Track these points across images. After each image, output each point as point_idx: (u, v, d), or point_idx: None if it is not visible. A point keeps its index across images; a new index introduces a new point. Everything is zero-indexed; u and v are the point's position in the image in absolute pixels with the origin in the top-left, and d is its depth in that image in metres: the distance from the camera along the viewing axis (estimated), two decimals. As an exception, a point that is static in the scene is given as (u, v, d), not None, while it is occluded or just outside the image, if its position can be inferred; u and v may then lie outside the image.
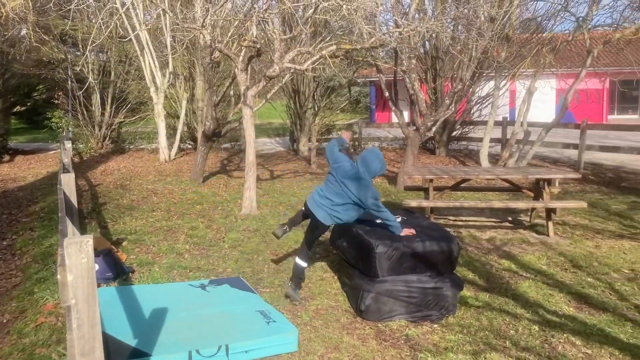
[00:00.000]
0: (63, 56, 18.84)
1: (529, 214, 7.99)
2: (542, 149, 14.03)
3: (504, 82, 13.78)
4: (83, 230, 7.22)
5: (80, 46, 18.37)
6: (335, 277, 5.49)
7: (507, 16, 10.68)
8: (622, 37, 11.23)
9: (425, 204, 7.25)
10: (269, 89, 11.40)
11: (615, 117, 30.97)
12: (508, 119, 15.21)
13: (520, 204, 7.24)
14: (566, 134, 16.78)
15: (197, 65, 15.79)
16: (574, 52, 16.14)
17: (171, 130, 17.64)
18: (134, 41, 15.17)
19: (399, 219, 5.20)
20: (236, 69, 8.46)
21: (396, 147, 17.89)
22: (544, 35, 12.69)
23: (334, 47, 8.31)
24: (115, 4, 12.29)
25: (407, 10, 9.71)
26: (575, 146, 13.35)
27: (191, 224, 7.76)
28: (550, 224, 7.05)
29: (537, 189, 7.61)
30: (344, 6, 7.64)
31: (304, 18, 8.56)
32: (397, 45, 8.47)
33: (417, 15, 9.54)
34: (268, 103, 18.62)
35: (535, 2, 12.58)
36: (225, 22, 8.90)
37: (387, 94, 10.70)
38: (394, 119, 27.84)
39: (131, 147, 20.02)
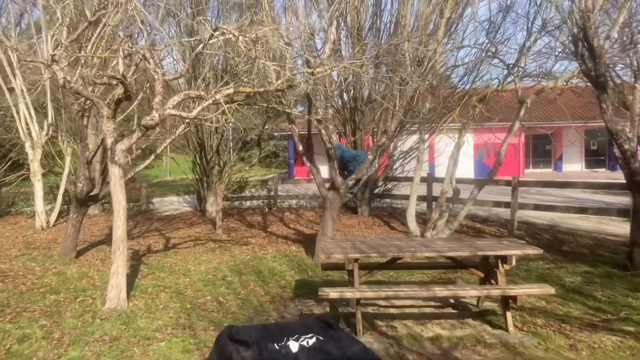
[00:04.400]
0: None
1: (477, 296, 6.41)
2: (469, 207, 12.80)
3: (427, 135, 12.61)
4: None
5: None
6: None
7: (432, 62, 9.48)
8: (554, 87, 10.34)
9: (349, 294, 5.46)
10: (158, 142, 9.44)
11: (531, 171, 31.28)
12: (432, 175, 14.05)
13: (472, 292, 5.61)
14: (487, 190, 15.77)
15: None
16: (501, 104, 15.54)
17: (57, 191, 15.10)
18: (3, 87, 12.82)
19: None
20: (104, 117, 6.50)
21: (315, 205, 16.21)
22: (472, 84, 11.66)
23: (232, 90, 6.58)
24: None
25: (321, 50, 8.22)
26: (507, 204, 12.25)
27: (25, 329, 5.51)
28: (508, 315, 5.47)
29: (486, 266, 6.06)
30: (240, 38, 5.97)
31: (194, 54, 6.80)
32: (309, 88, 6.88)
33: (332, 56, 8.05)
34: (165, 157, 16.45)
35: (458, 50, 11.59)
36: (89, 58, 6.96)
37: (300, 147, 9.04)
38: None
39: (11, 210, 17.13)
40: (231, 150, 16.44)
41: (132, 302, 6.57)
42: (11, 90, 12.98)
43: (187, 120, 8.89)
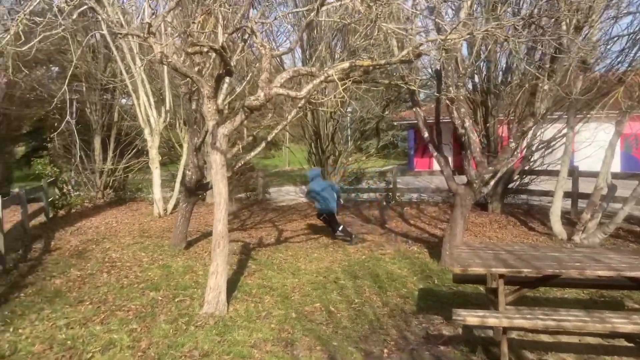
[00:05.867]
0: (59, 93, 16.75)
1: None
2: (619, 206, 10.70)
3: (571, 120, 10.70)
4: None
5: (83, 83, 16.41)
6: None
7: (591, 31, 7.78)
8: None
9: (493, 321, 4.20)
10: (270, 127, 8.72)
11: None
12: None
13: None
14: (623, 185, 13.24)
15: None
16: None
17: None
18: (123, 72, 12.91)
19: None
20: (204, 97, 5.78)
21: (438, 200, 14.81)
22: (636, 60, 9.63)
23: (347, 64, 5.56)
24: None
25: (454, 17, 6.93)
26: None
27: (113, 334, 4.92)
28: None
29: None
30: (358, -2, 4.92)
31: (305, 23, 5.88)
32: (441, 58, 5.64)
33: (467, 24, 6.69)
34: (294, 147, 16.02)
35: (619, 18, 9.49)
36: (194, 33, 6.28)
37: (426, 134, 7.83)
38: (436, 166, 24.77)
39: (136, 196, 17.62)
40: (348, 139, 15.55)
41: (233, 306, 5.82)
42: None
43: (300, 105, 8.06)
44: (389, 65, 5.52)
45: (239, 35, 7.09)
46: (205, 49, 4.81)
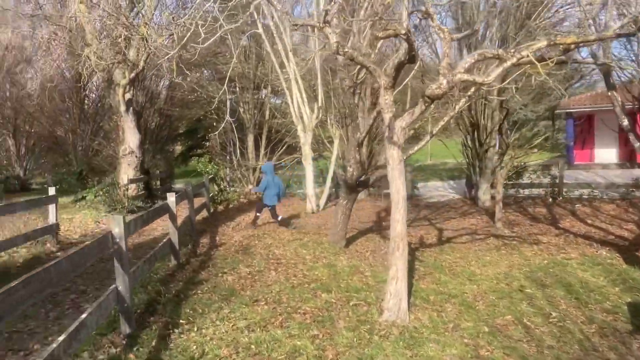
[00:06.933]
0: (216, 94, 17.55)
1: None
2: None
3: None
4: (128, 349, 4.54)
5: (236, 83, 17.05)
6: None
7: None
8: None
9: None
10: (438, 119, 8.12)
11: None
12: None
13: None
14: None
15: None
16: None
17: (326, 174, 15.17)
18: (278, 71, 13.03)
19: None
20: (380, 88, 5.36)
21: (614, 197, 13.16)
22: None
23: (544, 43, 4.82)
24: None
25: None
26: None
27: (296, 340, 4.67)
28: None
29: None
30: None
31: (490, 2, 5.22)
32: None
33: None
34: (437, 140, 15.41)
35: None
36: (362, 22, 5.89)
37: (625, 122, 6.74)
38: (598, 159, 22.30)
39: (286, 192, 17.97)
40: (508, 130, 14.42)
41: (414, 314, 5.36)
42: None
43: (469, 93, 7.36)
44: (600, 41, 4.69)
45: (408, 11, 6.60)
46: (402, 31, 4.37)
